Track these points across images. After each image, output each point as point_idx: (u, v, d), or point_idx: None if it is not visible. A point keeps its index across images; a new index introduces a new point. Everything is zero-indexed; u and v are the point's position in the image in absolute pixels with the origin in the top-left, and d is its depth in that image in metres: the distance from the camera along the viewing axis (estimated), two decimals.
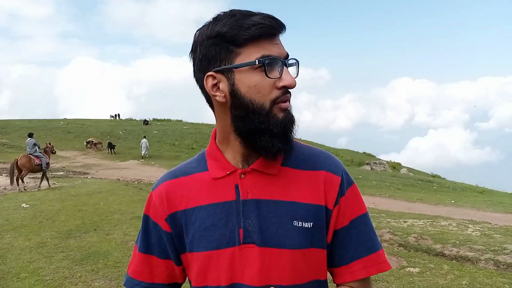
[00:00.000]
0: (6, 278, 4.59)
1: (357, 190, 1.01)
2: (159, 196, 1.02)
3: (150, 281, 1.04)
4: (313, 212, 0.93)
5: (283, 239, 0.91)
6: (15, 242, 5.99)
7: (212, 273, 0.94)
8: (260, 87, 0.88)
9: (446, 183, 21.38)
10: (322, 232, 0.95)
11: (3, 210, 8.30)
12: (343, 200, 0.96)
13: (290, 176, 0.96)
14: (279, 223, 0.92)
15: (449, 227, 7.46)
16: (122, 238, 6.34)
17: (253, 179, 0.94)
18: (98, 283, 4.52)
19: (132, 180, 14.18)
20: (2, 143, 26.17)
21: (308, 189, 0.95)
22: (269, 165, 0.95)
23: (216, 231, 0.94)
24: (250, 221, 0.92)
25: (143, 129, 35.01)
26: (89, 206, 8.86)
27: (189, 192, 0.99)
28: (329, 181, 0.96)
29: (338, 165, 1.00)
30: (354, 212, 0.98)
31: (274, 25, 0.87)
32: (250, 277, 0.91)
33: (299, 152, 0.99)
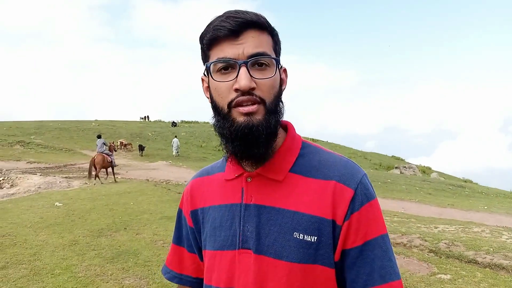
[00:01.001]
0: (41, 274, 4.74)
1: (376, 207, 0.89)
2: (186, 192, 1.09)
3: (179, 271, 1.10)
4: (317, 225, 0.86)
5: (281, 250, 0.87)
6: (49, 239, 6.18)
7: (215, 273, 0.96)
8: (219, 90, 0.87)
9: (478, 188, 20.75)
10: (328, 249, 0.86)
11: (38, 208, 8.56)
12: (355, 217, 0.86)
13: (297, 183, 0.90)
14: (278, 233, 0.88)
15: (482, 233, 7.24)
16: (152, 237, 6.45)
17: (257, 184, 0.92)
18: (128, 281, 4.61)
19: (161, 181, 14.39)
20: (37, 143, 27.04)
21: (314, 200, 0.87)
22: (275, 171, 0.91)
23: (222, 232, 0.95)
24: (249, 226, 0.91)
25: (172, 131, 35.53)
26: (119, 205, 9.05)
27: (208, 191, 1.02)
28: (339, 193, 0.87)
29: (354, 176, 0.88)
30: (369, 232, 0.86)
31: (231, 26, 0.83)
32: (245, 284, 0.90)
33: (315, 159, 0.93)
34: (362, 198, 0.87)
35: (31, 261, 5.16)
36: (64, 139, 29.84)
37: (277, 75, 0.89)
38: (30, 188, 11.67)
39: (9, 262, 5.08)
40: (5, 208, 8.52)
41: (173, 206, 9.32)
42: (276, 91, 0.88)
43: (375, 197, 0.90)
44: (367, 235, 0.86)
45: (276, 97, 0.88)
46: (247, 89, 0.82)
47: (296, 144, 0.96)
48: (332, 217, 0.86)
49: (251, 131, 0.84)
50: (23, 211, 8.16)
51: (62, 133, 32.47)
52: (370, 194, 0.88)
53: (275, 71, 0.87)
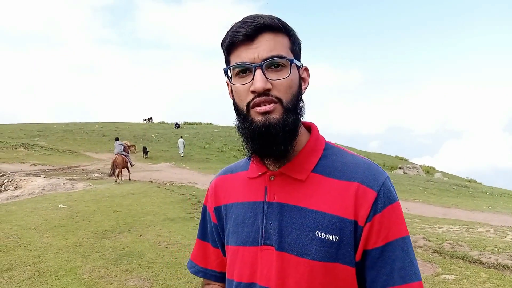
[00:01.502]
0: (45, 276, 4.75)
1: (399, 210, 0.91)
2: (210, 189, 1.13)
3: (203, 266, 1.15)
4: (339, 225, 0.88)
5: (302, 247, 0.90)
6: (53, 241, 6.20)
7: (237, 268, 0.99)
8: (238, 92, 0.92)
9: (482, 188, 20.65)
10: (350, 248, 0.88)
11: (42, 210, 8.59)
12: (377, 218, 0.87)
13: (320, 184, 0.92)
14: (300, 231, 0.90)
15: (487, 233, 7.21)
16: (155, 239, 6.46)
17: (281, 183, 0.95)
18: (132, 283, 4.62)
19: (164, 182, 14.42)
20: (41, 145, 27.14)
21: (336, 200, 0.89)
22: (297, 170, 0.94)
23: (245, 228, 0.98)
24: (271, 224, 0.94)
25: (175, 132, 35.57)
26: (123, 207, 9.07)
27: (231, 189, 1.06)
28: (361, 194, 0.88)
29: (377, 178, 0.90)
30: (391, 234, 0.88)
31: (246, 31, 0.87)
32: (267, 279, 0.93)
33: (338, 160, 0.95)
34: (384, 200, 0.89)
35: (35, 263, 5.18)
36: (67, 141, 29.95)
37: (294, 75, 0.91)
38: (34, 190, 11.71)
39: (14, 264, 5.10)
40: (10, 210, 8.56)
41: (176, 207, 9.34)
42: (293, 90, 0.91)
43: (397, 199, 0.92)
44: (389, 237, 0.88)
45: (294, 96, 0.91)
46: (262, 91, 0.87)
47: (319, 145, 0.98)
48: (354, 218, 0.88)
49: (269, 129, 0.88)
50: (27, 213, 8.19)
51: (66, 135, 32.58)
52: (392, 196, 0.90)
53: (290, 71, 0.89)
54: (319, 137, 1.00)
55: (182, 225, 7.47)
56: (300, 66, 0.95)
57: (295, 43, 0.93)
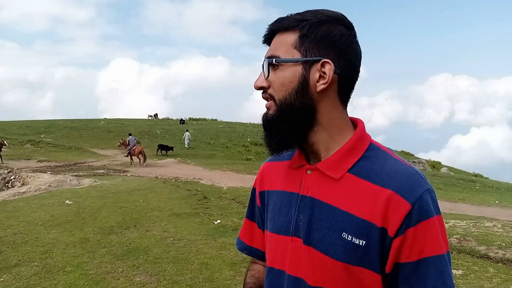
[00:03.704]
0: (52, 272, 4.78)
1: (435, 226, 0.85)
2: (259, 173, 1.17)
3: (249, 244, 1.19)
4: (367, 230, 0.86)
5: (328, 246, 0.90)
6: (60, 237, 6.23)
7: (271, 254, 1.04)
8: None
9: (489, 183, 20.55)
10: (376, 255, 0.86)
11: (49, 206, 8.64)
12: (411, 232, 0.83)
13: (354, 185, 0.90)
14: (327, 229, 0.90)
15: (494, 228, 7.16)
16: (161, 234, 6.48)
17: (316, 178, 0.95)
18: (139, 278, 4.64)
19: (170, 178, 14.45)
20: (47, 142, 27.28)
21: (367, 204, 0.87)
22: (333, 168, 0.93)
23: (280, 217, 1.01)
24: (302, 217, 0.95)
25: (180, 128, 35.62)
26: (129, 203, 9.09)
27: (275, 176, 1.09)
28: (394, 204, 0.84)
29: (414, 189, 0.85)
30: (425, 250, 0.84)
31: (265, 34, 0.97)
32: (294, 269, 0.95)
33: (378, 163, 0.91)
34: (420, 214, 0.84)
35: (42, 258, 5.21)
36: (73, 138, 30.08)
37: (291, 73, 0.91)
38: (41, 186, 11.77)
39: (21, 260, 5.13)
40: (17, 206, 8.61)
41: (182, 203, 9.36)
42: (288, 88, 0.91)
43: (435, 214, 0.86)
44: (423, 253, 0.84)
45: (290, 93, 0.91)
46: (256, 89, 0.96)
47: (362, 145, 0.94)
48: (382, 225, 0.85)
49: (267, 123, 0.96)
50: (34, 209, 8.23)
51: (72, 131, 32.71)
52: (430, 211, 0.85)
53: (286, 70, 0.92)
54: (363, 136, 0.96)
55: (188, 221, 7.49)
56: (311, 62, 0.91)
57: (306, 39, 0.91)
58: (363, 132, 0.96)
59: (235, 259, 5.34)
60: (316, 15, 0.92)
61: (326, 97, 0.92)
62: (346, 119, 0.97)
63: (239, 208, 9.31)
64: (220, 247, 5.89)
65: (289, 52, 0.91)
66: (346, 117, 0.97)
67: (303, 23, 0.91)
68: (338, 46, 0.90)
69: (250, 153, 28.35)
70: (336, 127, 0.94)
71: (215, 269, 4.98)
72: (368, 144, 0.95)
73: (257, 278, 1.18)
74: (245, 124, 47.67)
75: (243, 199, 10.35)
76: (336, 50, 0.90)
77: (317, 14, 0.92)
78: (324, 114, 0.93)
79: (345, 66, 0.91)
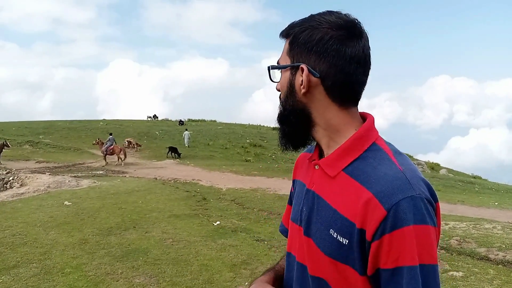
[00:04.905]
0: (51, 273, 4.75)
1: (411, 235, 0.81)
2: (295, 162, 1.22)
3: (286, 226, 1.22)
4: (349, 230, 0.87)
5: (320, 240, 0.94)
6: (59, 238, 6.21)
7: (289, 239, 1.11)
8: None
9: (488, 185, 20.54)
10: (358, 256, 0.86)
11: (48, 207, 8.61)
12: (386, 239, 0.82)
13: (345, 183, 0.92)
14: (320, 224, 0.95)
15: (494, 230, 7.15)
16: (161, 236, 6.46)
17: (319, 174, 1.00)
18: (138, 280, 4.62)
19: (169, 179, 14.43)
20: (46, 143, 27.21)
21: (351, 204, 0.88)
22: (330, 166, 0.97)
23: (295, 206, 1.08)
24: (304, 209, 1.01)
25: (179, 129, 35.57)
26: (128, 204, 9.07)
27: (301, 166, 1.15)
28: (372, 207, 0.84)
29: (393, 195, 0.83)
30: (401, 259, 0.81)
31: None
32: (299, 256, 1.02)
33: (372, 165, 0.91)
34: (394, 222, 0.81)
35: (41, 260, 5.19)
36: (72, 139, 30.00)
37: (283, 78, 1.00)
38: (40, 187, 11.74)
39: (20, 261, 5.11)
40: (15, 207, 8.58)
41: (181, 204, 9.34)
42: (283, 91, 1.01)
43: (412, 224, 0.81)
44: (397, 261, 0.82)
45: (284, 97, 1.00)
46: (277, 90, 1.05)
47: (361, 144, 0.95)
48: (361, 226, 0.86)
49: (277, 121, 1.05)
50: (33, 210, 8.21)
51: (71, 132, 32.64)
52: (405, 219, 0.81)
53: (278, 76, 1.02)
54: (365, 135, 0.96)
55: (187, 222, 7.47)
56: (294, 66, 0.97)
57: (293, 46, 0.97)
58: (366, 131, 0.96)
59: (235, 261, 5.32)
60: (309, 21, 0.95)
61: (315, 100, 0.96)
62: (347, 119, 0.96)
63: (239, 210, 9.30)
64: (219, 248, 5.87)
65: (284, 59, 1.00)
66: (346, 116, 0.96)
67: (292, 30, 0.97)
68: (317, 50, 0.92)
69: (249, 154, 28.32)
70: (332, 127, 0.97)
71: (215, 270, 4.97)
72: (369, 144, 0.94)
73: None
74: (244, 125, 47.67)
75: (242, 200, 10.34)
76: (316, 54, 0.93)
77: (310, 20, 0.95)
78: (317, 115, 0.97)
79: (328, 68, 0.92)
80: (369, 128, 0.97)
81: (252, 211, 9.16)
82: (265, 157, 27.97)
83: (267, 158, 27.42)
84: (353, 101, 0.97)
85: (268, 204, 9.96)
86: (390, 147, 0.96)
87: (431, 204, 0.86)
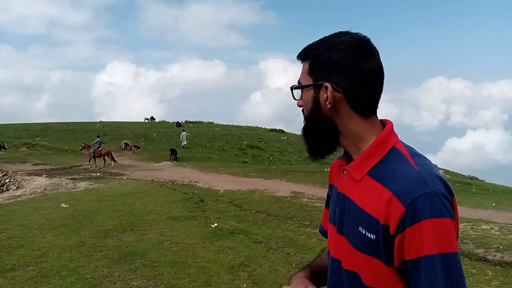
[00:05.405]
0: (48, 276, 4.72)
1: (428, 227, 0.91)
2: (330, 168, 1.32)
3: (324, 227, 1.35)
4: (375, 226, 0.98)
5: (352, 237, 1.05)
6: (56, 241, 6.17)
7: (328, 239, 1.22)
8: None
9: (485, 185, 20.60)
10: (384, 249, 0.97)
11: (44, 209, 8.57)
12: (408, 232, 0.92)
13: (369, 185, 1.03)
14: (351, 222, 1.06)
15: (491, 231, 7.17)
16: (158, 238, 6.43)
17: (347, 177, 1.12)
18: (136, 282, 4.59)
19: (166, 181, 14.40)
20: (42, 145, 27.13)
21: (376, 203, 0.99)
22: (355, 170, 1.08)
23: (331, 208, 1.21)
24: (337, 210, 1.13)
25: (176, 131, 35.53)
26: (125, 206, 9.04)
27: (335, 172, 1.25)
28: (393, 205, 0.94)
29: (410, 193, 0.93)
30: (419, 250, 0.91)
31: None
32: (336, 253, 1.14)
33: (392, 167, 1.01)
34: (413, 216, 0.92)
35: (38, 262, 5.16)
36: (69, 141, 29.90)
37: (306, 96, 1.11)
38: (36, 189, 11.69)
39: (17, 264, 5.07)
40: (12, 210, 8.54)
41: (179, 206, 9.31)
42: (308, 108, 1.11)
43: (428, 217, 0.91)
44: (418, 252, 0.92)
45: (309, 112, 1.11)
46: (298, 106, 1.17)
47: (382, 149, 1.06)
48: (384, 222, 0.96)
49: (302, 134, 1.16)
50: (30, 213, 8.17)
51: (67, 134, 32.54)
52: (423, 214, 0.91)
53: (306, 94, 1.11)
54: (386, 140, 1.07)
55: (185, 224, 7.45)
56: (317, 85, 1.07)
57: (314, 67, 1.08)
58: (386, 136, 1.07)
59: (233, 263, 5.30)
60: (325, 43, 1.07)
61: (339, 112, 1.06)
62: (368, 127, 1.07)
63: (236, 211, 9.28)
64: (217, 250, 5.85)
65: (306, 79, 1.11)
66: (367, 125, 1.08)
67: (311, 52, 1.09)
68: (338, 68, 1.04)
69: (246, 156, 28.31)
70: (356, 135, 1.08)
71: (213, 273, 4.95)
72: (389, 148, 1.05)
73: (322, 259, 1.33)
74: (242, 127, 47.62)
75: (240, 202, 10.32)
76: (337, 72, 1.04)
77: (326, 42, 1.07)
78: (342, 125, 1.08)
79: (349, 84, 1.04)
80: (388, 134, 1.08)
81: (249, 213, 9.15)
82: (262, 158, 27.97)
83: (265, 160, 27.42)
84: (372, 110, 1.08)
85: (265, 205, 9.95)
86: (408, 150, 1.05)
87: (447, 199, 0.95)
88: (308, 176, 17.02)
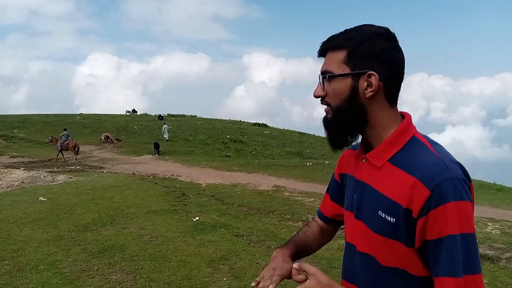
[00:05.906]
0: (24, 270, 4.64)
1: (452, 210, 0.97)
2: (340, 158, 1.41)
3: (322, 211, 1.48)
4: (396, 210, 1.04)
5: (370, 221, 1.12)
6: (33, 234, 6.06)
7: (345, 228, 1.28)
8: None
9: None
10: (405, 231, 1.03)
11: (21, 203, 8.41)
12: (432, 214, 0.98)
13: (390, 172, 1.09)
14: (370, 208, 1.12)
15: None
16: (138, 232, 6.37)
17: (366, 166, 1.18)
18: (115, 276, 4.54)
19: (147, 175, 14.27)
20: (20, 137, 26.58)
21: (397, 188, 1.05)
22: (376, 158, 1.14)
23: (348, 196, 1.26)
24: (355, 197, 1.20)
25: (158, 125, 35.23)
26: (105, 200, 8.94)
27: (349, 162, 1.31)
28: (417, 190, 1.00)
29: (435, 178, 0.99)
30: (442, 230, 0.98)
31: (320, 48, 1.17)
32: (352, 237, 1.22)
33: (413, 155, 1.08)
34: (437, 199, 0.98)
35: (14, 257, 5.06)
36: (48, 133, 29.24)
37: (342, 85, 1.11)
38: (14, 182, 11.46)
39: None
40: None
41: (160, 200, 9.25)
42: (341, 97, 1.12)
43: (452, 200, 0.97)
44: (441, 232, 0.98)
45: (343, 101, 1.11)
46: (315, 97, 1.17)
47: (403, 137, 1.12)
48: (407, 206, 1.02)
49: (327, 125, 1.18)
50: (6, 206, 8.01)
51: (46, 126, 31.92)
52: (446, 197, 0.98)
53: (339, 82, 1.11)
54: (406, 129, 1.13)
55: (165, 218, 7.40)
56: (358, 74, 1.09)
57: (353, 55, 1.09)
58: (405, 127, 1.14)
59: (213, 256, 5.29)
60: (361, 33, 1.10)
61: (375, 101, 1.11)
62: (393, 116, 1.14)
63: (218, 205, 9.26)
64: (198, 244, 5.83)
65: (340, 67, 1.11)
66: (393, 114, 1.14)
67: (350, 42, 1.10)
68: (381, 58, 1.09)
69: (229, 150, 28.26)
70: (383, 125, 1.13)
71: (193, 266, 4.93)
72: (410, 137, 1.12)
73: (306, 236, 1.44)
74: (225, 120, 47.52)
75: (222, 196, 10.30)
76: (380, 62, 1.09)
77: (361, 32, 1.10)
78: (373, 115, 1.12)
79: (389, 74, 1.10)
80: (408, 124, 1.14)
81: (231, 207, 9.14)
82: (245, 152, 27.97)
83: (247, 154, 27.43)
84: (396, 100, 1.15)
85: (247, 199, 9.95)
86: (427, 139, 1.13)
87: (467, 184, 1.02)
88: (290, 170, 17.10)
